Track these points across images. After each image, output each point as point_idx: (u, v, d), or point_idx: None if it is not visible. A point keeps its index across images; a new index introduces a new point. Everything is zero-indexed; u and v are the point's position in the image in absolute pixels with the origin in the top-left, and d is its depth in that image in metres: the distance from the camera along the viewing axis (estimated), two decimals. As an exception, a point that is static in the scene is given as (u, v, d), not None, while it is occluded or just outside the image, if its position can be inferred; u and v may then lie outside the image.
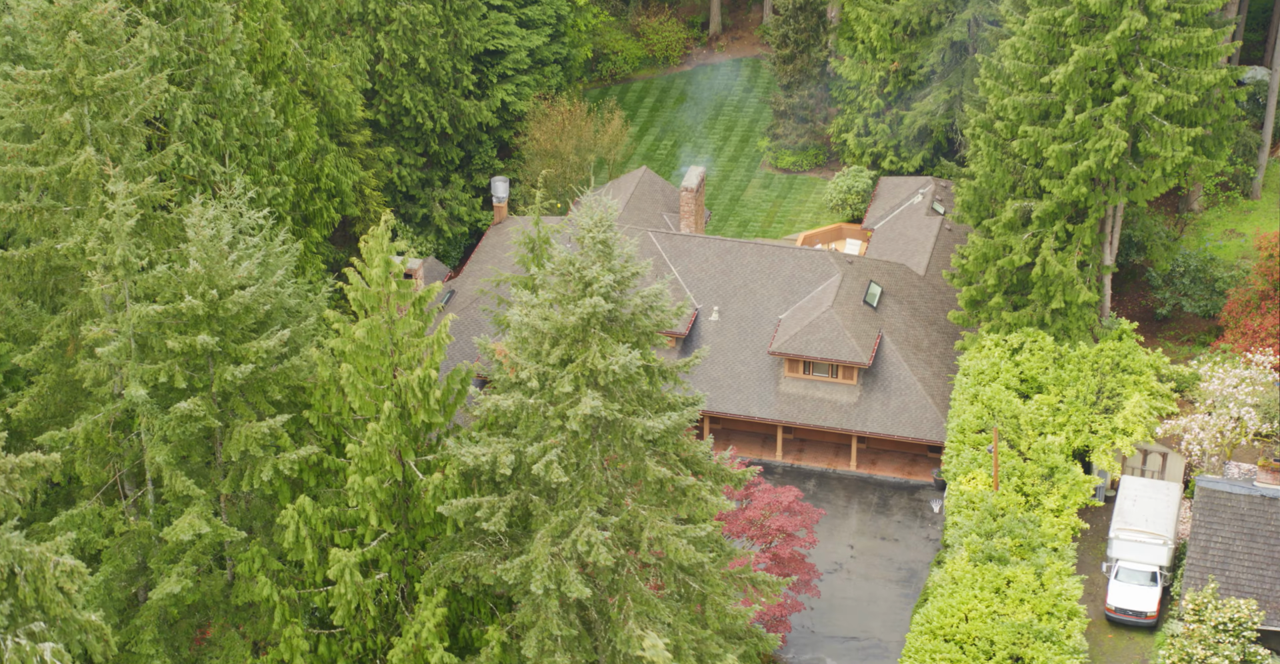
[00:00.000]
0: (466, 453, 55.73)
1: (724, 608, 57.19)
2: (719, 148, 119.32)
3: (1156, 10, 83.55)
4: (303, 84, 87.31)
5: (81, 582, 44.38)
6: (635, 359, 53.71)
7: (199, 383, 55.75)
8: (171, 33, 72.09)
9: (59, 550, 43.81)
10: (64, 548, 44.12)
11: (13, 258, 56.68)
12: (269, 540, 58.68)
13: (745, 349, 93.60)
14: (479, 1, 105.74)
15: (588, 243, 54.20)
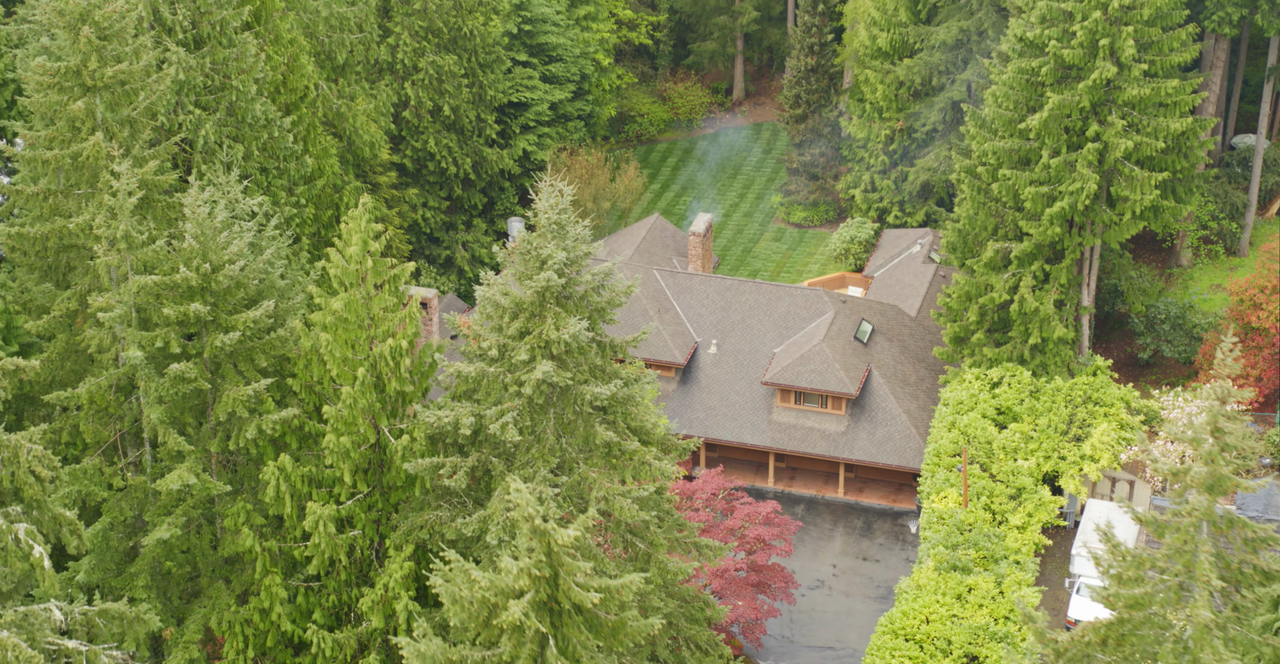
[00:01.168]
0: (431, 415, 61.29)
1: (666, 565, 62.22)
2: (735, 204, 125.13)
3: (1126, 61, 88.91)
4: (323, 117, 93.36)
5: (52, 468, 50.01)
6: (584, 328, 59.14)
7: (192, 350, 61.58)
8: (198, 60, 78.41)
9: (31, 439, 49.47)
10: (35, 437, 49.79)
11: (28, 234, 62.89)
12: (253, 498, 64.24)
13: (741, 380, 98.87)
14: (504, 56, 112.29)
15: (544, 224, 59.86)
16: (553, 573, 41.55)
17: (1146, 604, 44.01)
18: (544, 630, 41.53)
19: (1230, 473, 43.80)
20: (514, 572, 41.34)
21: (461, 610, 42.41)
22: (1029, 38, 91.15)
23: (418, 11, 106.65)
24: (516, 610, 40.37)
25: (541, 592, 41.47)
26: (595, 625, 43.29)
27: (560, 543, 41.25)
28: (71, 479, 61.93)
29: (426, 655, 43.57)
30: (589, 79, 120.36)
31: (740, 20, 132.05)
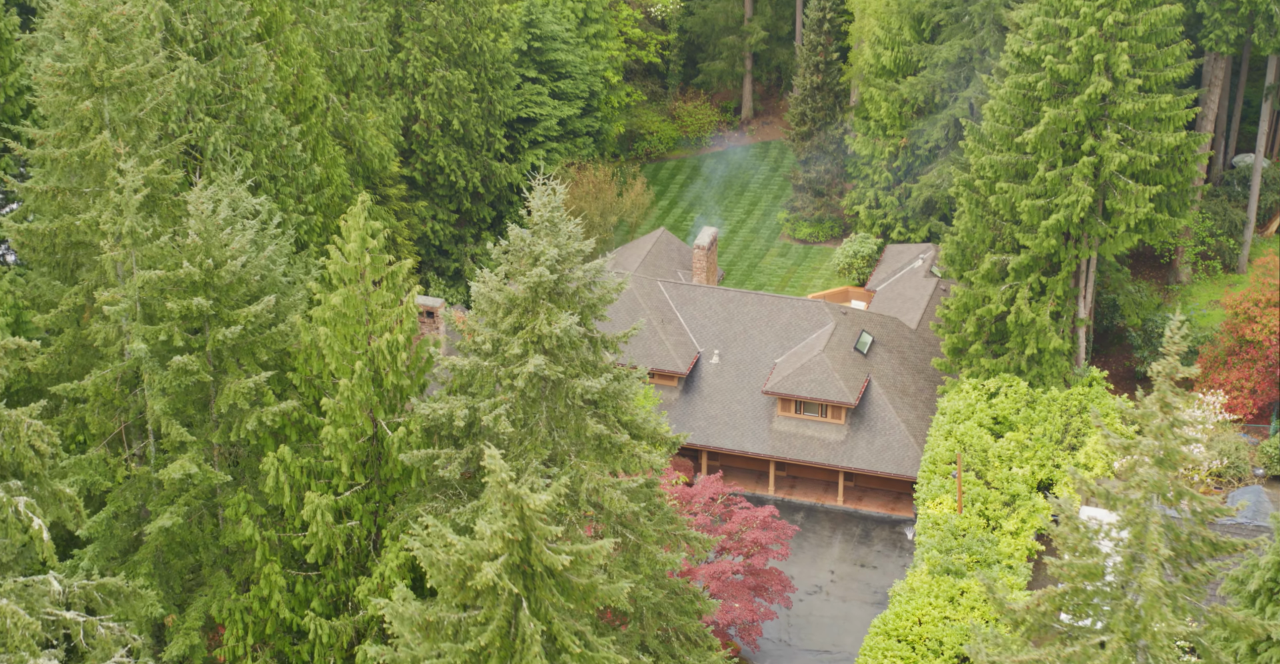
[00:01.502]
0: (427, 408, 62.98)
1: (654, 555, 63.76)
2: (742, 220, 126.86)
3: (1121, 76, 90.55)
4: (333, 128, 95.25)
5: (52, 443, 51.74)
6: (575, 322, 60.79)
7: (195, 343, 63.41)
8: (209, 70, 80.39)
9: (31, 414, 51.23)
10: (35, 413, 51.55)
11: (37, 231, 64.82)
12: (253, 488, 65.97)
13: (742, 390, 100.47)
14: (514, 72, 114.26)
15: (537, 222, 61.60)
16: (525, 537, 43.17)
17: (1099, 574, 45.54)
18: (517, 591, 43.13)
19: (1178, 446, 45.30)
20: (488, 535, 42.98)
21: (439, 573, 44.04)
22: (1026, 53, 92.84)
23: (428, 27, 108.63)
24: (490, 571, 41.97)
25: (514, 555, 43.09)
26: (566, 588, 44.90)
27: (532, 507, 42.88)
28: (77, 469, 63.68)
29: (405, 616, 45.19)
30: (598, 96, 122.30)
31: (749, 40, 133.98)
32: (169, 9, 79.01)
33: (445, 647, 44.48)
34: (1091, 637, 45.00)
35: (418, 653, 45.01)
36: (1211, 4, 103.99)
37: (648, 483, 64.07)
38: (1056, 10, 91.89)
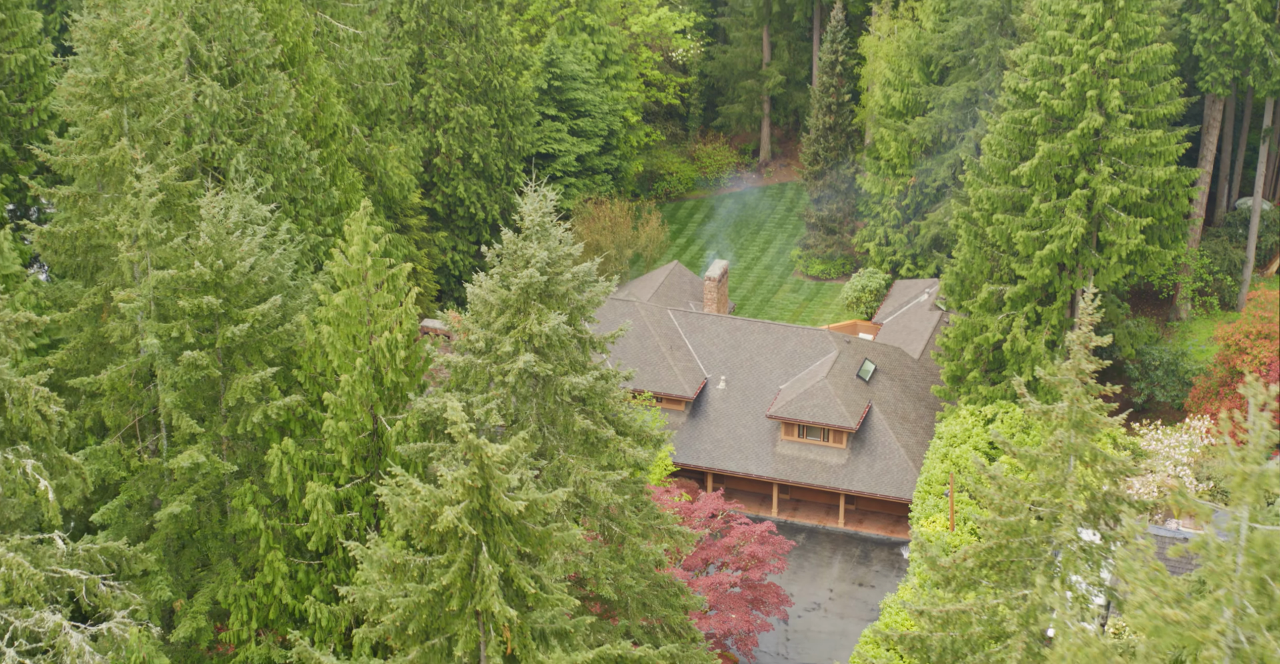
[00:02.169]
0: (423, 402, 66.39)
1: (638, 547, 66.94)
2: (756, 257, 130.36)
3: (1113, 112, 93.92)
4: (353, 155, 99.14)
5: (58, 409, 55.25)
6: (563, 322, 64.16)
7: (206, 340, 66.95)
8: (232, 95, 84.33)
9: (39, 381, 54.77)
10: (42, 379, 55.09)
11: (58, 234, 68.59)
12: (259, 479, 69.33)
13: (747, 414, 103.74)
14: (534, 109, 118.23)
15: (529, 226, 65.11)
16: (484, 484, 46.44)
17: (1021, 531, 48.50)
18: (476, 534, 46.38)
19: (1092, 410, 48.38)
20: (449, 481, 46.34)
21: (405, 518, 47.34)
22: (1022, 89, 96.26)
23: (450, 64, 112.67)
24: (450, 515, 45.25)
25: (474, 501, 46.36)
26: (523, 534, 48.11)
27: (490, 456, 46.20)
28: (92, 459, 67.20)
29: (375, 559, 48.50)
30: (616, 135, 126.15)
31: (766, 84, 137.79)
32: (194, 36, 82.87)
33: (411, 587, 47.80)
34: (1015, 590, 47.97)
35: (385, 593, 48.36)
36: (1207, 47, 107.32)
37: (633, 476, 67.21)
38: (1051, 48, 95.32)
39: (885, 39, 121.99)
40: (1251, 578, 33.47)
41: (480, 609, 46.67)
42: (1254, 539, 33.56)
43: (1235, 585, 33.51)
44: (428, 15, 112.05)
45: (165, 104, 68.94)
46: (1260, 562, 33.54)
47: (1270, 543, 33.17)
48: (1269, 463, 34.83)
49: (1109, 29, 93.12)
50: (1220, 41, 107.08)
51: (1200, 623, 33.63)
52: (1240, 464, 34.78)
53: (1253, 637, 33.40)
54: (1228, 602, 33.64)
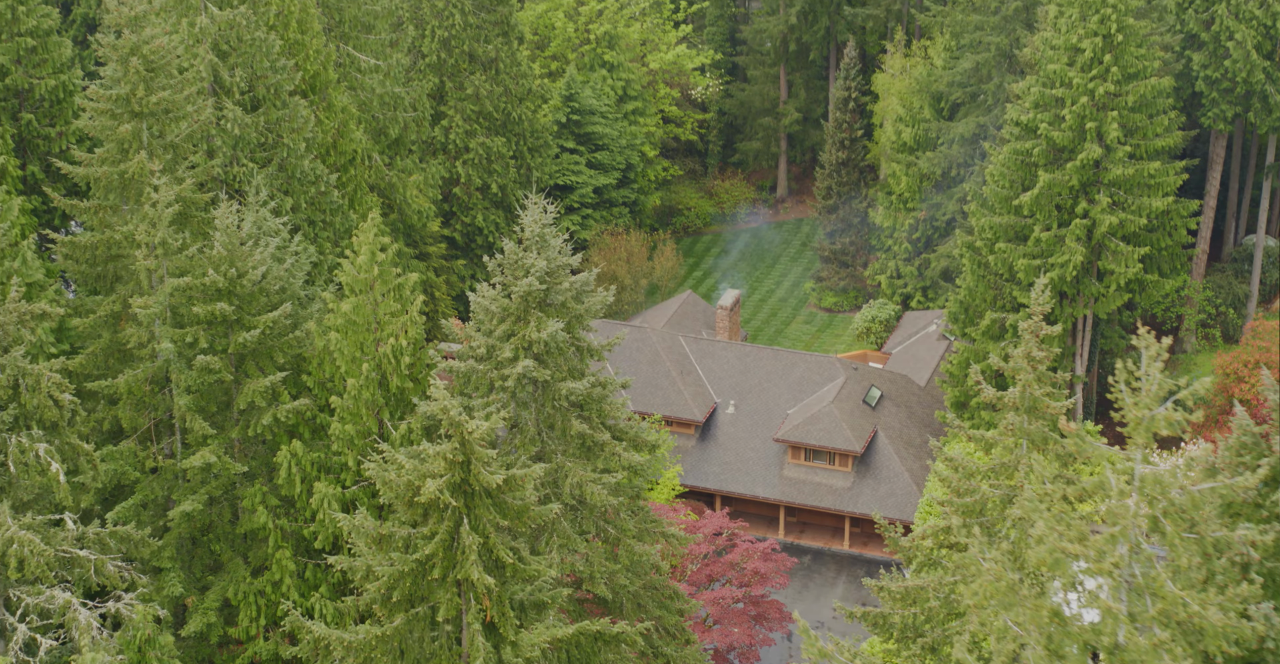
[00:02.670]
0: (425, 406, 68.97)
1: (633, 548, 69.40)
2: (771, 290, 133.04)
3: (1112, 143, 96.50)
4: (373, 182, 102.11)
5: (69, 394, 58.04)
6: (560, 328, 66.77)
7: (219, 346, 69.77)
8: (254, 119, 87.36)
9: (52, 369, 57.54)
10: (55, 368, 57.85)
11: (80, 243, 71.60)
12: (268, 480, 72.02)
13: (755, 438, 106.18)
14: (552, 142, 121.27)
15: (529, 237, 67.85)
16: (465, 459, 48.97)
17: (976, 512, 50.81)
18: (457, 505, 48.90)
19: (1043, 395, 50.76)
20: (433, 456, 48.95)
21: (390, 490, 49.93)
22: (1024, 121, 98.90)
23: (470, 97, 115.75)
24: (432, 487, 47.82)
25: (455, 475, 48.89)
26: (502, 507, 50.60)
27: (470, 432, 48.75)
28: (109, 460, 70.00)
29: (361, 529, 51.10)
30: (634, 169, 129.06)
31: (783, 121, 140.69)
32: (218, 62, 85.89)
33: (396, 557, 50.36)
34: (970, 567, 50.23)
35: (372, 562, 50.91)
36: (1209, 84, 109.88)
37: (630, 483, 69.68)
38: (1052, 82, 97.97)
39: (898, 77, 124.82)
40: (1145, 515, 35.87)
41: (461, 578, 49.22)
42: (1146, 478, 35.96)
43: (1130, 522, 35.88)
44: (449, 49, 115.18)
45: (183, 120, 71.88)
46: (1153, 500, 35.93)
47: (1160, 481, 35.59)
48: (1159, 408, 37.21)
49: (1108, 63, 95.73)
50: (1221, 78, 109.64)
51: (1097, 556, 36.02)
52: (1134, 409, 37.19)
53: (1146, 570, 35.79)
54: (1123, 537, 36.02)
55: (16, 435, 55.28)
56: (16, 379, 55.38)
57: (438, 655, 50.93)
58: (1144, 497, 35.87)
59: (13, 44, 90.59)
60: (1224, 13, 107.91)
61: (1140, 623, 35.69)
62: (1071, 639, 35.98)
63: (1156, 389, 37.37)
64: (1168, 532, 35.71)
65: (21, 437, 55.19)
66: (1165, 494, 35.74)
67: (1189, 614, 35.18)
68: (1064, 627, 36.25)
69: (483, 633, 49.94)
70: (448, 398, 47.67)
